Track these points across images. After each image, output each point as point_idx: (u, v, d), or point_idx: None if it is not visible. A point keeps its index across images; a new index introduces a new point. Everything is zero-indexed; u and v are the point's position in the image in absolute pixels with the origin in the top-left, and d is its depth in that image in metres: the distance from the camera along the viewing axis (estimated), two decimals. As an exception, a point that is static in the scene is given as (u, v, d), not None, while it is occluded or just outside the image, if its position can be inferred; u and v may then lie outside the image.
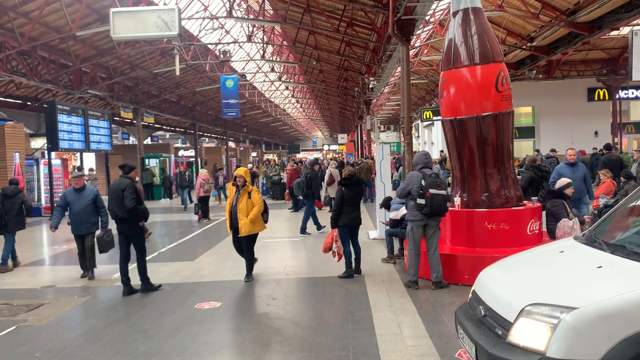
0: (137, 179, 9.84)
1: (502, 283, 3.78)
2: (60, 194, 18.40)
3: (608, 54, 22.65)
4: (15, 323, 6.21)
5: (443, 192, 6.82)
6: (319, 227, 12.51)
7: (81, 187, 8.48)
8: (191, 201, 19.47)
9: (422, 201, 6.80)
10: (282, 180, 21.67)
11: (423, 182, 6.81)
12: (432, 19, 19.61)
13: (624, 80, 22.30)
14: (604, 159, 13.88)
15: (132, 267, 7.57)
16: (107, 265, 9.66)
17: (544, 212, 7.95)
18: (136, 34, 11.79)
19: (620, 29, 17.43)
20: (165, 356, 5.01)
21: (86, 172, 24.06)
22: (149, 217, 7.75)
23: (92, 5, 16.21)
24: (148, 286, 7.53)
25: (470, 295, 4.04)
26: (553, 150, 17.41)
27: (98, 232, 8.42)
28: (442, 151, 25.06)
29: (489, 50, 7.44)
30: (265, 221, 8.11)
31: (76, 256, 8.86)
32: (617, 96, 23.90)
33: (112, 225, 7.84)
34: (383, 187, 11.06)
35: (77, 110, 18.78)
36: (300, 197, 18.59)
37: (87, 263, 8.58)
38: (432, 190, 6.74)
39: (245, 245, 7.91)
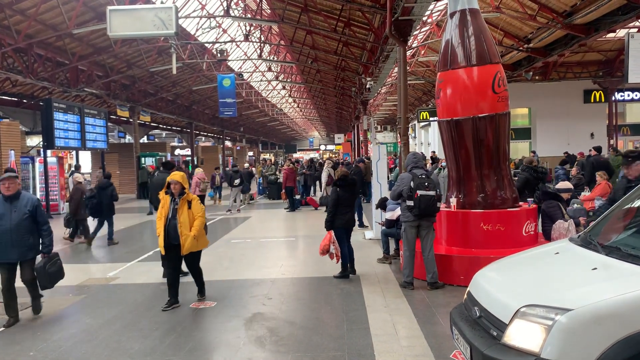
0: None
1: (497, 284, 3.79)
2: (55, 193, 18.45)
3: (604, 56, 22.71)
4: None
5: (431, 192, 6.80)
6: (361, 224, 12.86)
7: (14, 194, 5.99)
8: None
9: (410, 202, 6.82)
10: (279, 180, 21.65)
11: (412, 184, 6.83)
12: (429, 20, 19.65)
13: (620, 82, 22.36)
14: (592, 161, 13.91)
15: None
16: (103, 264, 9.67)
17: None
18: (133, 32, 11.75)
19: (617, 31, 17.50)
20: (160, 355, 5.00)
21: (87, 170, 24.01)
22: None
23: (89, 3, 16.16)
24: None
25: (465, 296, 4.05)
26: None
27: (38, 260, 6.25)
28: (433, 152, 25.08)
29: (486, 51, 7.46)
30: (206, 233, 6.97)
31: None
32: (613, 98, 23.97)
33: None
34: (379, 187, 11.06)
35: (73, 109, 18.72)
36: (297, 197, 18.68)
37: (32, 304, 6.38)
38: (419, 192, 6.76)
39: (190, 265, 6.74)
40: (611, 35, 18.36)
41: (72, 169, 20.71)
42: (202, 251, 10.40)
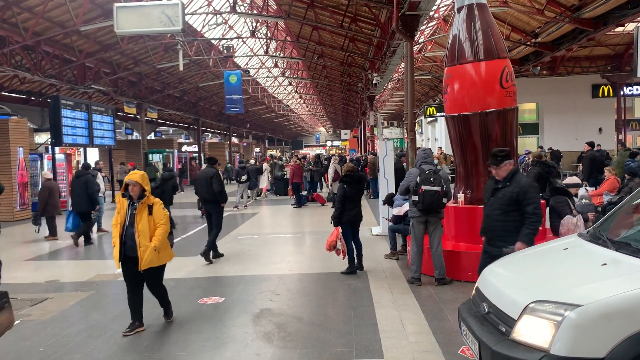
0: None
1: (505, 280, 3.77)
2: (64, 190, 18.53)
3: (613, 50, 22.52)
4: (19, 317, 6.21)
5: (436, 188, 6.78)
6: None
7: None
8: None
9: (415, 197, 6.83)
10: (285, 176, 21.66)
11: (418, 179, 6.83)
12: (436, 15, 19.56)
13: (629, 76, 22.17)
14: (589, 156, 13.82)
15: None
16: (111, 260, 9.70)
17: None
18: (140, 29, 11.81)
19: (626, 25, 17.34)
20: (168, 351, 5.02)
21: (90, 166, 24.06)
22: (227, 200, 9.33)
23: (95, 0, 16.21)
24: (215, 254, 9.24)
25: (473, 291, 4.04)
26: None
27: None
28: (440, 147, 25.00)
29: (494, 46, 7.41)
30: (171, 245, 5.98)
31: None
32: (622, 93, 23.77)
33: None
34: (386, 183, 11.04)
35: (80, 105, 18.80)
36: (304, 193, 18.66)
37: None
38: (424, 187, 6.75)
39: (151, 283, 5.72)
40: (620, 29, 18.18)
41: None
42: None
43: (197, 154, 37.21)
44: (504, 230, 5.01)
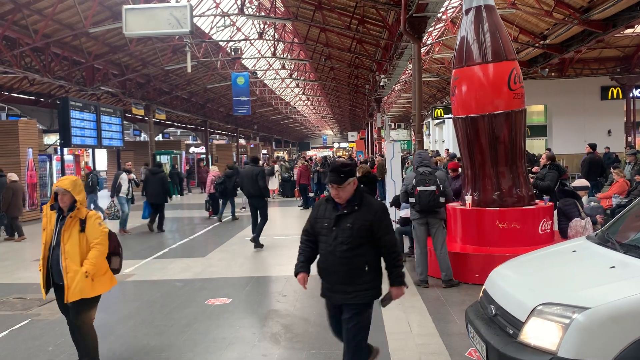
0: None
1: (513, 282, 3.76)
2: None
3: (622, 52, 22.38)
4: (28, 317, 6.28)
5: (431, 187, 6.76)
6: None
7: None
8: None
9: (412, 199, 6.84)
10: (292, 178, 21.68)
11: (414, 181, 6.84)
12: (443, 17, 19.53)
13: (638, 78, 22.06)
14: (588, 159, 13.70)
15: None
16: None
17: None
18: (148, 31, 11.88)
19: (635, 26, 17.25)
20: (176, 352, 5.04)
21: (104, 168, 24.16)
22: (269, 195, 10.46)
23: (104, 2, 16.32)
24: (257, 244, 10.15)
25: (481, 294, 4.03)
26: None
27: None
28: (447, 149, 24.91)
29: (502, 48, 7.39)
30: (117, 270, 4.64)
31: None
32: (631, 95, 23.62)
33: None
34: (393, 185, 11.02)
35: (89, 107, 18.94)
36: (311, 195, 18.66)
37: None
38: (419, 188, 6.76)
39: (76, 320, 4.32)
40: (629, 30, 18.09)
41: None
42: (217, 248, 10.50)
43: (204, 156, 37.35)
44: (351, 271, 3.73)
